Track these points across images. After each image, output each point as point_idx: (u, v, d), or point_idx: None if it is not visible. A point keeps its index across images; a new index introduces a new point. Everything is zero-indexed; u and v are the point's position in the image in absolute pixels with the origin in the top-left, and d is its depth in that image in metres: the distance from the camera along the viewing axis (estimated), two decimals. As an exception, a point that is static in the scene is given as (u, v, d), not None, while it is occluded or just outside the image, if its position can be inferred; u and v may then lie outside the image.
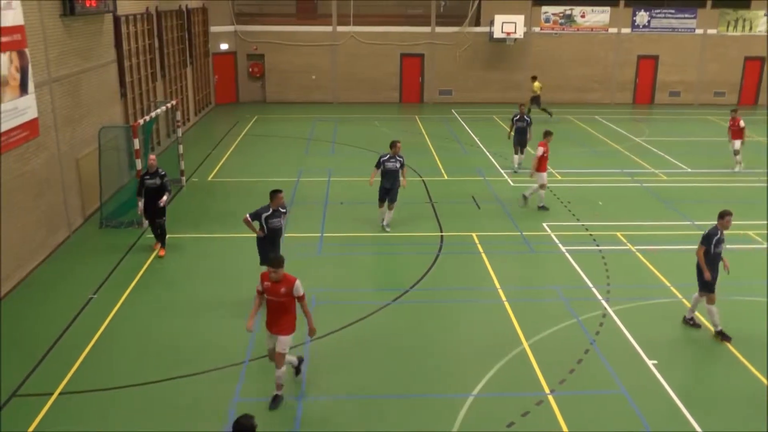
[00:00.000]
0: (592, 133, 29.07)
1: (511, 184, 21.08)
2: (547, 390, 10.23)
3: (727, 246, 12.00)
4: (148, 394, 10.13)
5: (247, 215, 12.36)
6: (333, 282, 14.02)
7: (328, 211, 18.36)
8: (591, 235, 16.52)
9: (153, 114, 18.83)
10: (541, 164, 17.90)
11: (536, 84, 32.22)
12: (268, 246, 12.37)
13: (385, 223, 16.87)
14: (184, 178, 20.77)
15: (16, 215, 13.75)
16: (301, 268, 14.45)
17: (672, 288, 13.68)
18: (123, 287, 13.59)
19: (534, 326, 12.13)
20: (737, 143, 22.31)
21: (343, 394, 10.18)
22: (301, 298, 9.45)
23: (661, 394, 10.19)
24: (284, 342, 9.53)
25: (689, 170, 23.01)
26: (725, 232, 11.51)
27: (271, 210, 12.37)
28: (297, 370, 10.37)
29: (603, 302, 13.09)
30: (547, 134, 18.46)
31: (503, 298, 13.26)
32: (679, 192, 20.32)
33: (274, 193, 12.38)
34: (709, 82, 36.93)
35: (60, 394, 10.09)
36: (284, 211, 12.60)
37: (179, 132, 20.79)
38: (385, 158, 16.39)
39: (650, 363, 10.98)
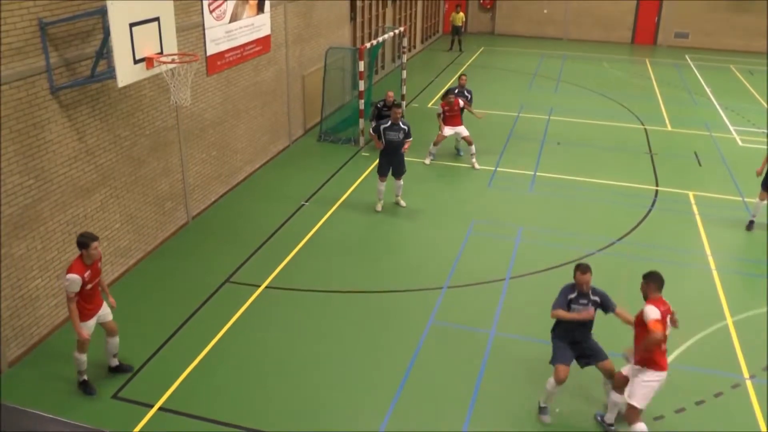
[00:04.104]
0: None
1: (740, 143, 19.30)
2: (746, 374, 9.47)
3: None
4: (339, 301, 10.81)
5: (371, 129, 13.65)
6: (541, 222, 13.86)
7: (544, 150, 18.03)
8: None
9: (380, 39, 19.29)
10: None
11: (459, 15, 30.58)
12: (389, 156, 13.51)
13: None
14: (404, 103, 21.24)
15: (247, 119, 14.99)
16: (511, 203, 14.59)
17: None
18: (332, 202, 14.38)
19: (743, 302, 11.19)
20: None
21: (529, 335, 10.17)
22: None
23: None
24: None
25: None
26: None
27: (389, 122, 13.31)
28: None
29: (829, 289, 11.79)
30: (447, 94, 16.74)
31: (712, 266, 12.35)
32: None
33: (394, 108, 13.50)
34: None
35: (266, 287, 11.07)
36: (404, 127, 13.37)
37: (404, 58, 21.17)
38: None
39: None
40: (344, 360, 9.43)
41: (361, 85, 17.27)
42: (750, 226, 13.86)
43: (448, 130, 16.47)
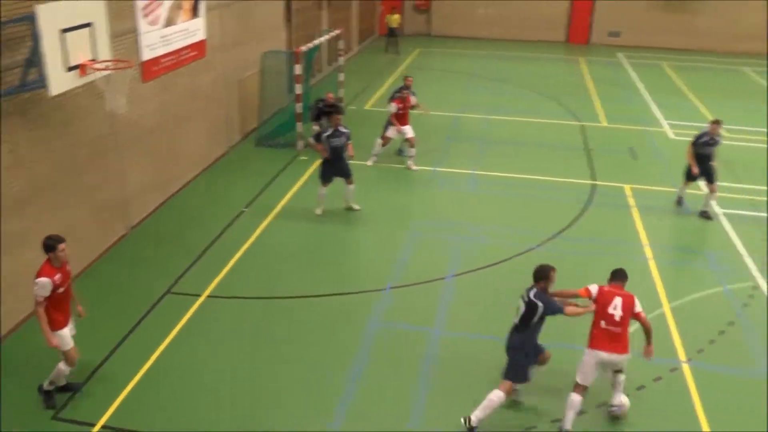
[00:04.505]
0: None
1: (672, 136, 19.90)
2: (683, 358, 9.80)
3: None
4: (283, 307, 10.73)
5: (310, 138, 13.39)
6: (482, 219, 14.02)
7: (483, 149, 18.25)
8: (753, 200, 15.37)
9: (316, 41, 19.24)
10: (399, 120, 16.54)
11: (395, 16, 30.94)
12: (335, 162, 13.49)
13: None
14: (343, 105, 21.23)
15: (185, 125, 14.80)
16: (452, 202, 14.72)
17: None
18: (272, 207, 14.29)
19: (677, 289, 11.57)
20: None
21: (474, 332, 10.25)
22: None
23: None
24: None
25: None
26: None
27: (331, 130, 13.38)
28: None
29: (756, 273, 12.24)
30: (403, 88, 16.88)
31: (649, 256, 12.71)
32: None
33: (334, 115, 13.63)
34: None
35: (208, 296, 10.93)
36: (346, 131, 13.49)
37: (340, 61, 21.15)
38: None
39: (802, 345, 10.23)
40: (291, 366, 9.37)
41: (298, 89, 17.17)
42: (680, 201, 14.90)
43: (392, 132, 16.53)
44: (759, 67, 30.44)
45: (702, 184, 14.85)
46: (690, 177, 14.39)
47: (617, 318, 7.96)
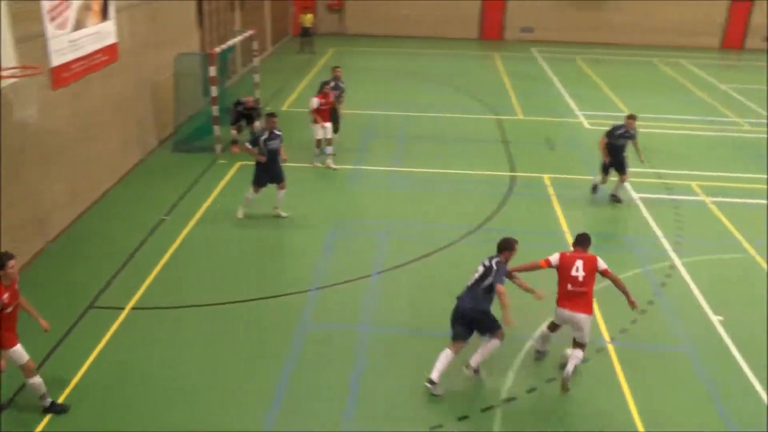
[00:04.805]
0: (675, 78, 27.91)
1: (587, 126, 20.53)
2: (607, 338, 10.12)
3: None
4: (209, 314, 10.52)
5: (247, 143, 13.26)
6: (404, 215, 14.08)
7: (402, 146, 18.35)
8: (665, 183, 16.01)
9: (230, 43, 18.96)
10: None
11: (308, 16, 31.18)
12: (270, 165, 13.22)
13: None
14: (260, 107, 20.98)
15: (99, 133, 14.30)
16: (373, 200, 14.73)
17: (745, 243, 13.21)
18: (192, 213, 13.97)
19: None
20: None
21: (403, 328, 10.28)
22: None
23: (723, 352, 9.94)
24: None
25: (780, 121, 21.99)
26: None
27: (267, 133, 13.14)
28: None
29: (672, 253, 12.75)
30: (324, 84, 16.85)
31: (570, 242, 13.03)
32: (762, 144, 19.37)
33: (269, 117, 13.26)
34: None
35: (131, 309, 10.58)
36: (279, 133, 13.33)
37: (255, 61, 20.92)
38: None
39: (715, 319, 10.71)
40: (219, 373, 9.16)
41: (214, 91, 16.87)
42: (594, 189, 15.24)
43: (321, 132, 16.34)
44: (669, 59, 31.73)
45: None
46: (606, 169, 14.81)
47: (580, 279, 8.72)
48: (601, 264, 8.85)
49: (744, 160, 17.96)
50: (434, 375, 8.66)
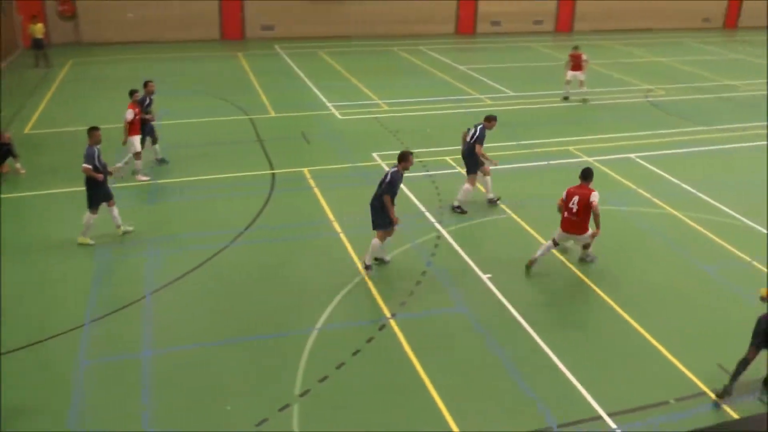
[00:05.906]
0: (418, 64, 29.34)
1: (339, 117, 20.82)
2: (388, 314, 10.24)
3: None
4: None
5: (85, 164, 12.04)
6: (167, 230, 13.19)
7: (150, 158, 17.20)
8: (421, 161, 16.63)
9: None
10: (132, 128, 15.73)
11: (38, 26, 28.11)
12: (102, 184, 12.33)
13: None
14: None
15: None
16: (129, 215, 13.42)
17: (502, 205, 14.12)
18: None
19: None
20: (580, 74, 22.89)
21: (189, 344, 9.60)
22: None
23: (496, 305, 10.53)
24: None
25: (511, 94, 23.87)
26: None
27: (96, 150, 12.24)
28: None
29: (437, 225, 13.25)
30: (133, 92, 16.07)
31: (338, 230, 13.06)
32: (505, 115, 20.86)
33: (93, 131, 12.28)
34: (528, 12, 38.90)
35: None
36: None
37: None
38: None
39: (485, 277, 11.26)
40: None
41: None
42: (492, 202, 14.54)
43: (138, 141, 15.57)
44: (410, 46, 33.28)
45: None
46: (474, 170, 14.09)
47: (574, 210, 11.05)
48: (593, 199, 10.91)
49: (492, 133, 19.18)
50: (367, 260, 11.36)
